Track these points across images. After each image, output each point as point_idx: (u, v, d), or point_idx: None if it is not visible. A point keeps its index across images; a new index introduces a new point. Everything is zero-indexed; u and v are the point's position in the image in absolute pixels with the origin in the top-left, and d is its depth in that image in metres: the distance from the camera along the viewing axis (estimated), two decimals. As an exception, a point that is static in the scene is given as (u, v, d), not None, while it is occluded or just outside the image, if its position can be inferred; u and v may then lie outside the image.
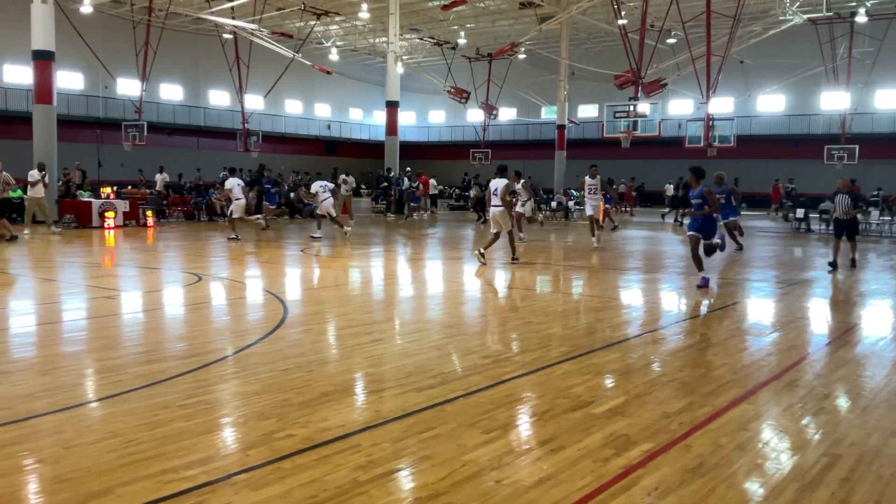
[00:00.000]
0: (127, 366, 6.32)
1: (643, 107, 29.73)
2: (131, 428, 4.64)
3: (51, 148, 23.55)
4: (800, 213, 26.32)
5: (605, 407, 5.28)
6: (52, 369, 6.18)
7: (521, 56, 42.59)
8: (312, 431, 4.63)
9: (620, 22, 29.66)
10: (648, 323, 9.04)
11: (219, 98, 50.29)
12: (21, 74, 38.25)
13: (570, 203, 33.65)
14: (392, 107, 36.20)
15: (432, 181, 34.83)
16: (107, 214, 21.85)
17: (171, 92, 47.76)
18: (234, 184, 19.09)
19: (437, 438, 4.56)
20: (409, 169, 34.49)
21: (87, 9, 27.32)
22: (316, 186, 19.44)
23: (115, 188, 24.72)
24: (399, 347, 7.38)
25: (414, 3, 39.22)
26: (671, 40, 35.97)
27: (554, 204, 33.70)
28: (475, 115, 49.69)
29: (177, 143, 46.26)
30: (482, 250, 14.07)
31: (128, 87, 36.64)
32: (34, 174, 19.31)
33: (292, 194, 29.11)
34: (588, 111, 51.77)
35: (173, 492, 3.71)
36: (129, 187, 28.50)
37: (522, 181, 18.35)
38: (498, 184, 14.13)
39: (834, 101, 38.77)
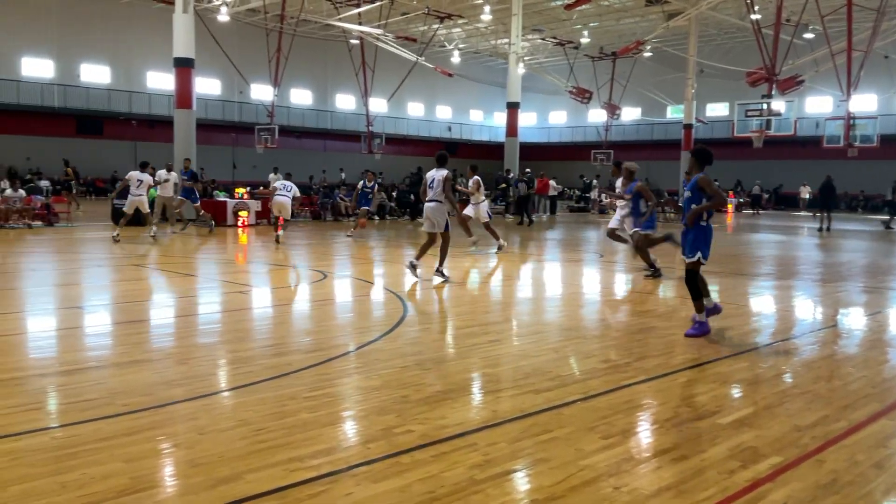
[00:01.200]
0: (257, 358, 6.62)
1: (777, 105, 28.31)
2: (261, 417, 4.84)
3: (190, 150, 24.94)
4: None
5: (731, 417, 5.08)
6: (190, 359, 6.54)
7: (647, 54, 41.65)
8: (430, 428, 4.69)
9: (753, 17, 28.47)
10: (780, 332, 8.63)
11: (345, 102, 51.81)
12: (163, 81, 40.83)
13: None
14: (512, 108, 36.19)
15: (552, 182, 34.54)
16: (240, 214, 22.95)
17: (300, 96, 49.65)
18: (133, 176, 17.87)
19: (555, 441, 4.52)
20: (528, 170, 34.37)
21: (224, 18, 28.80)
22: (277, 183, 18.76)
23: (248, 189, 25.93)
24: (516, 349, 7.36)
25: (537, 4, 39.08)
26: (809, 35, 34.19)
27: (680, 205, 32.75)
28: (597, 116, 48.98)
29: (304, 146, 48.02)
30: (416, 261, 11.64)
31: (261, 92, 38.40)
32: (162, 174, 20.37)
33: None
34: (717, 110, 50.03)
35: (299, 480, 3.85)
36: (261, 188, 29.77)
37: (476, 177, 16.95)
38: (435, 175, 11.45)
39: None
